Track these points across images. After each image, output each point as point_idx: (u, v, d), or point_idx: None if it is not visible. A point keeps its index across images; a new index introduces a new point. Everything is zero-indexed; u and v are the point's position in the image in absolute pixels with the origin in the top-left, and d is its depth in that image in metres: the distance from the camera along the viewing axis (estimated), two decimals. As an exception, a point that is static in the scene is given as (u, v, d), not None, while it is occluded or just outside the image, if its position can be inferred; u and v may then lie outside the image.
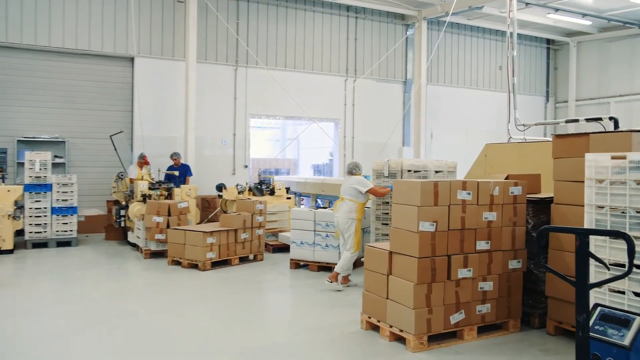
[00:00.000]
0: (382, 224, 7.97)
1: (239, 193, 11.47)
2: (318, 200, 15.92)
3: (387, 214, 7.95)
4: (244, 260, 9.48)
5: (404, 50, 17.02)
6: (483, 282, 5.33)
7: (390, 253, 5.31)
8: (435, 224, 5.02)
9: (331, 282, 7.40)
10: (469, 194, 5.22)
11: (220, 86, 14.50)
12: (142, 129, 12.72)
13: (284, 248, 10.58)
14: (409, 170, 7.82)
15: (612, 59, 17.52)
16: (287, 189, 12.08)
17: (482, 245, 5.32)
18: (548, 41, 19.37)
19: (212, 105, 14.27)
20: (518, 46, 18.90)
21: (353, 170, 7.72)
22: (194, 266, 8.85)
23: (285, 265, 9.20)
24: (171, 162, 12.45)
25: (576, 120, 7.70)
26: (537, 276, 5.72)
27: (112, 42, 13.06)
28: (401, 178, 7.80)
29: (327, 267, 8.66)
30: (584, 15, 15.25)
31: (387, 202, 7.97)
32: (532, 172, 8.25)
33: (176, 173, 11.89)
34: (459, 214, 5.18)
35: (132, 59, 13.40)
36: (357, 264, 8.74)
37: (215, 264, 8.96)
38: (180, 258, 8.98)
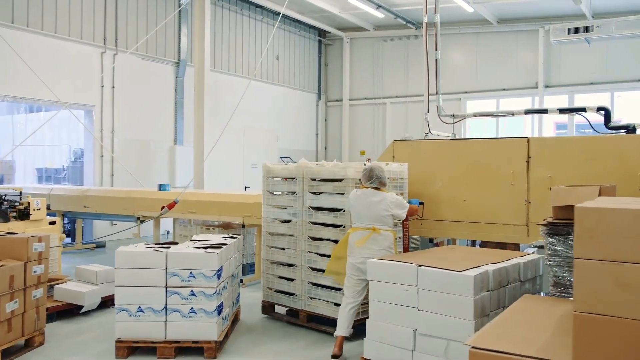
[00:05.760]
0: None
1: (-41, 219, 6.59)
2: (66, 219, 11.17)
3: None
4: (9, 353, 5.01)
5: (176, 23, 13.40)
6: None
7: (574, 368, 2.38)
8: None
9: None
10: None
11: None
12: None
13: (68, 311, 6.30)
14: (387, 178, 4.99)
15: (387, 59, 17.00)
16: (48, 208, 7.53)
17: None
18: (320, 34, 18.00)
19: None
20: (294, 36, 17.10)
21: (382, 181, 4.86)
22: None
23: (101, 351, 5.15)
24: None
25: (545, 111, 5.88)
26: None
27: None
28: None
29: (194, 349, 4.98)
30: (379, 7, 14.13)
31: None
32: (469, 176, 6.21)
33: None
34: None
35: None
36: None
37: (-44, 375, 4.41)
38: None
